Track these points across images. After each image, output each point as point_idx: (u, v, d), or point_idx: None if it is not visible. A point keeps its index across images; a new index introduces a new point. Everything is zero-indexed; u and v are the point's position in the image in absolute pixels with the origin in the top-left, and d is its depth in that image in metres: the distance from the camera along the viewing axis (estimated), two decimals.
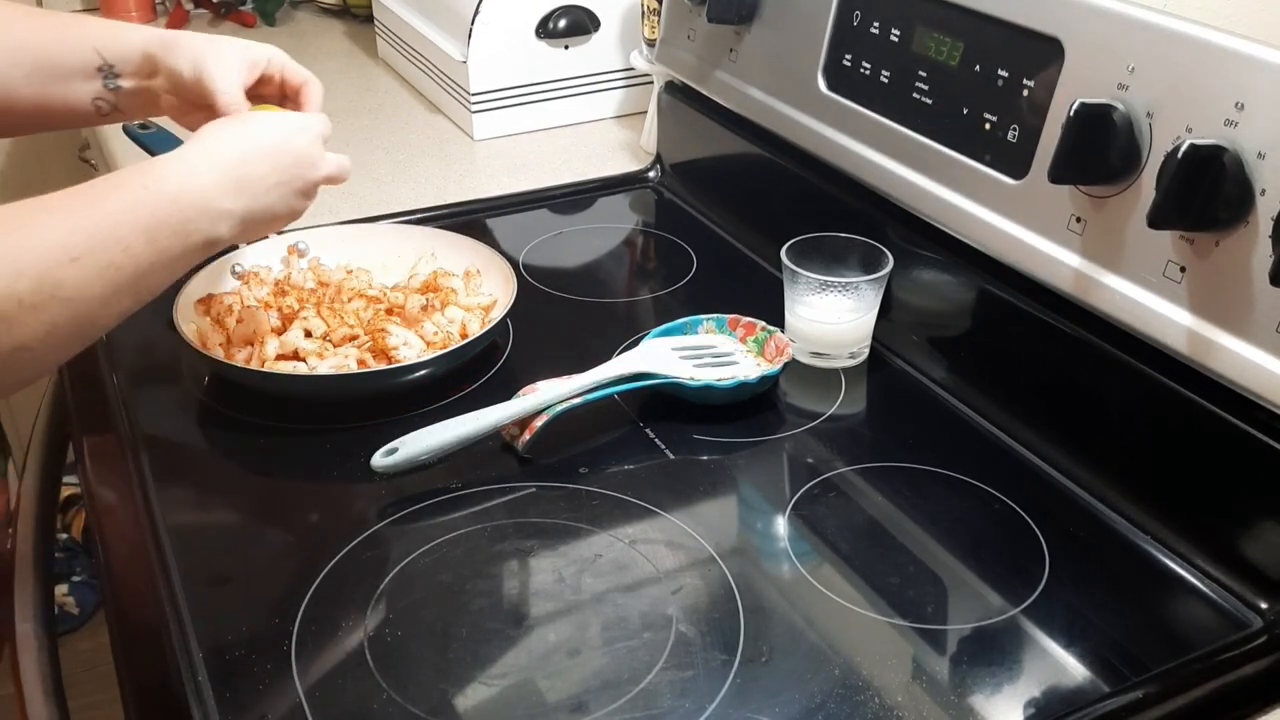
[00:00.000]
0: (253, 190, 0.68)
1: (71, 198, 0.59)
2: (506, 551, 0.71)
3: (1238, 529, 0.68)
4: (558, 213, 1.19)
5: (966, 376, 0.87)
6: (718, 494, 0.77)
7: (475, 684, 0.62)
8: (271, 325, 0.88)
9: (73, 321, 0.58)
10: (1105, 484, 0.76)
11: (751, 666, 0.63)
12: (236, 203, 0.66)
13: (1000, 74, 0.78)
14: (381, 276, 0.97)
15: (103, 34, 0.76)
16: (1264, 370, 0.63)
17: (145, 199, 0.61)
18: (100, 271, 0.58)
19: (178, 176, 0.64)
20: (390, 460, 0.76)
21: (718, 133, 1.12)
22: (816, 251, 0.90)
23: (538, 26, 1.35)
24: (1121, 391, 0.74)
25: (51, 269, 0.55)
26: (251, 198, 0.68)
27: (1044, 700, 0.61)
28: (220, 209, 0.65)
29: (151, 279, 0.62)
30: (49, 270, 0.55)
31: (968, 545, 0.72)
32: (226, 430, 0.84)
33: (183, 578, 0.69)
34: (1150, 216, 0.64)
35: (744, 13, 1.03)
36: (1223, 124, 0.63)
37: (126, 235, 0.59)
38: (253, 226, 0.70)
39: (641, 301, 1.03)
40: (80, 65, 0.76)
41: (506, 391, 0.82)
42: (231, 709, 0.60)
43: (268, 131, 0.71)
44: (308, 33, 1.80)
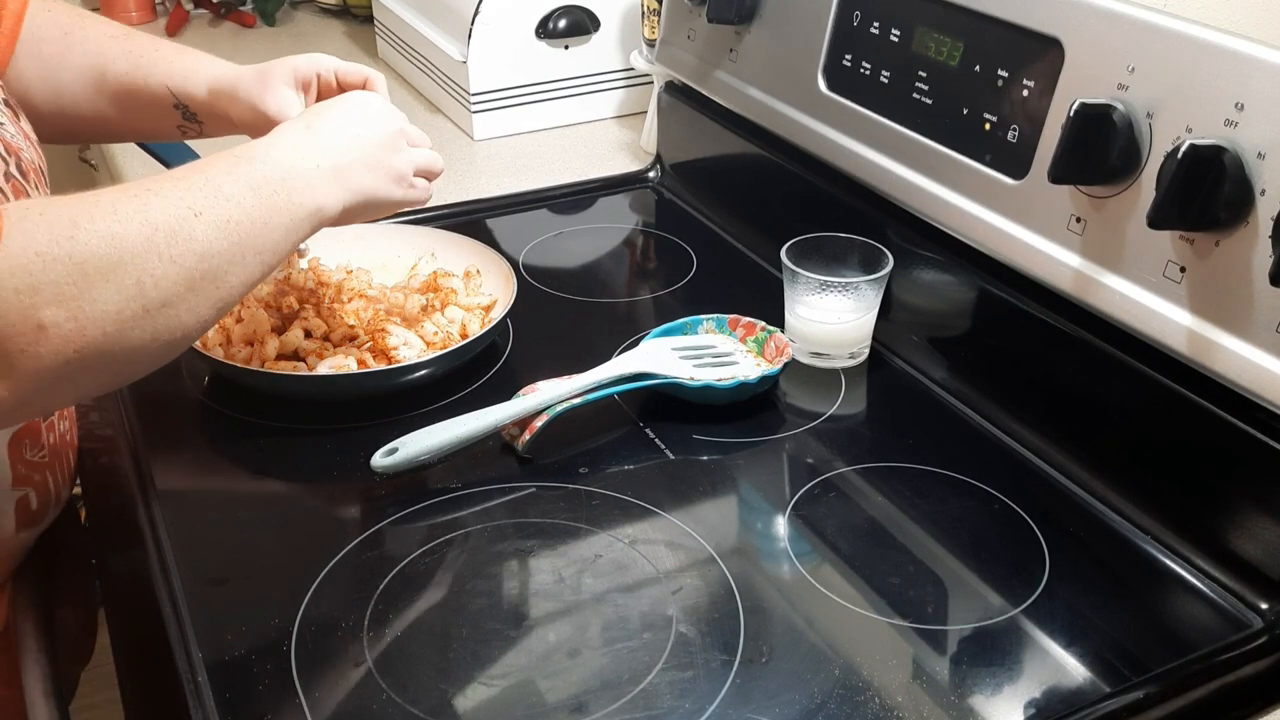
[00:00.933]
0: (342, 155, 0.71)
1: (174, 173, 0.63)
2: (506, 551, 0.71)
3: (1238, 529, 0.68)
4: (558, 213, 1.19)
5: (966, 376, 0.87)
6: (718, 494, 0.77)
7: (475, 684, 0.62)
8: (271, 325, 0.88)
9: (209, 278, 0.61)
10: (1105, 484, 0.76)
11: (751, 667, 0.63)
12: (325, 160, 0.70)
13: (1000, 74, 0.78)
14: (381, 276, 0.97)
15: (173, 73, 0.82)
16: (1264, 370, 0.63)
17: (241, 161, 0.66)
18: (221, 226, 0.61)
19: (267, 143, 0.69)
20: (390, 460, 0.76)
21: (718, 133, 1.12)
22: (816, 251, 0.90)
23: (538, 26, 1.35)
24: (1121, 391, 0.74)
25: (181, 222, 0.59)
26: (341, 160, 0.71)
27: (1044, 700, 0.61)
28: (311, 167, 0.69)
29: (267, 237, 0.65)
30: (179, 223, 0.59)
31: (968, 545, 0.72)
32: (226, 430, 0.84)
33: (183, 578, 0.69)
34: (1150, 216, 0.64)
35: (744, 13, 1.03)
36: (1223, 124, 0.63)
37: (236, 193, 0.63)
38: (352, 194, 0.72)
39: (641, 301, 1.03)
40: (159, 102, 0.83)
41: (506, 391, 0.82)
42: (231, 709, 0.60)
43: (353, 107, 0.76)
44: (308, 33, 1.80)
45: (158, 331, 0.59)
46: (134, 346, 0.58)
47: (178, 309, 0.60)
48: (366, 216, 0.76)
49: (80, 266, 0.55)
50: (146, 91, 0.83)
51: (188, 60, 0.83)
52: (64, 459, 0.79)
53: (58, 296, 0.54)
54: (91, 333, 0.56)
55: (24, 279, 0.53)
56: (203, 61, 0.83)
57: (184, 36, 1.78)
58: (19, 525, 0.74)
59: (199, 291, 0.61)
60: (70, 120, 0.86)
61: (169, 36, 1.76)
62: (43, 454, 0.75)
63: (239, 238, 0.63)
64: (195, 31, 1.80)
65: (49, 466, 0.76)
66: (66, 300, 0.54)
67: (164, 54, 0.83)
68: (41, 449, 0.75)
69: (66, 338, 0.55)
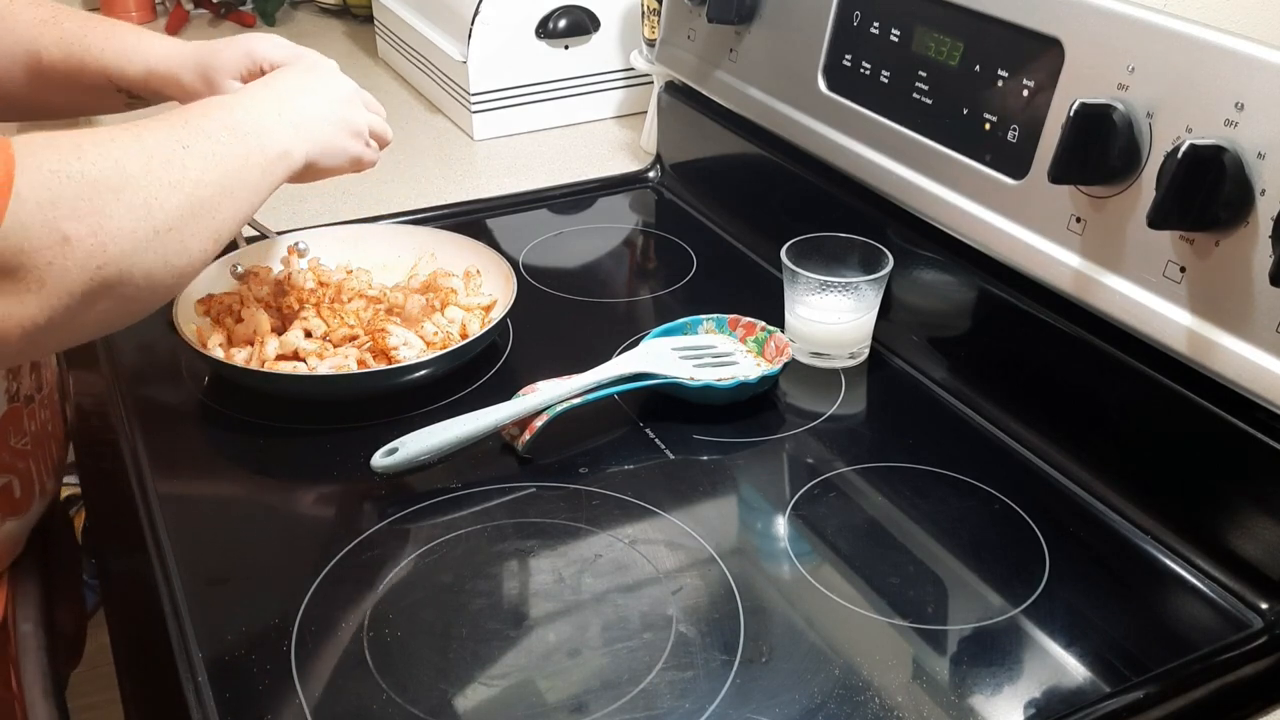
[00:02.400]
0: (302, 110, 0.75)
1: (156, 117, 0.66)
2: (506, 552, 0.71)
3: (1238, 529, 0.68)
4: (558, 213, 1.19)
5: (966, 376, 0.86)
6: (718, 494, 0.77)
7: (475, 684, 0.62)
8: (271, 325, 0.88)
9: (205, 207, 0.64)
10: (1105, 484, 0.76)
11: (751, 667, 0.63)
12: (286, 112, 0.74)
13: (1000, 74, 0.78)
14: (381, 276, 0.97)
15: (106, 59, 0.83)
16: (1264, 370, 0.63)
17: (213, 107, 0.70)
18: (209, 158, 0.65)
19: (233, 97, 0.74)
20: (390, 460, 0.76)
21: (718, 133, 1.12)
22: (816, 251, 0.90)
23: (538, 26, 1.35)
24: (1121, 391, 0.74)
25: (174, 152, 0.63)
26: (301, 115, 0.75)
27: (1044, 700, 0.61)
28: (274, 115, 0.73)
29: (248, 175, 0.69)
30: (172, 153, 0.63)
31: (968, 545, 0.72)
32: (226, 430, 0.84)
33: (183, 578, 0.69)
34: (1150, 216, 0.64)
35: (744, 13, 1.03)
36: (1223, 124, 0.63)
37: (214, 131, 0.67)
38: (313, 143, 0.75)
39: (641, 301, 1.03)
40: (99, 86, 0.84)
41: (506, 391, 0.82)
42: (231, 709, 0.60)
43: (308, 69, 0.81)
44: (308, 33, 1.80)
45: (168, 255, 0.62)
46: (149, 269, 0.61)
47: (182, 234, 0.62)
48: (327, 168, 0.78)
49: (93, 184, 0.58)
50: (84, 77, 0.83)
51: (120, 43, 0.83)
52: (48, 449, 0.79)
53: (76, 211, 0.56)
54: (111, 249, 0.58)
55: (44, 192, 0.55)
56: (135, 44, 0.83)
57: (184, 36, 1.77)
58: (2, 514, 0.75)
59: (199, 218, 0.64)
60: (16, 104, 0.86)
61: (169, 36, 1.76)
62: (25, 442, 0.76)
63: (225, 171, 0.66)
64: (195, 31, 1.80)
65: (32, 455, 0.77)
66: (84, 215, 0.57)
67: (94, 39, 0.83)
68: (24, 437, 0.76)
69: (90, 252, 0.57)
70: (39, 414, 0.78)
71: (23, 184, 0.54)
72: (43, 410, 0.79)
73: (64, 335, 0.61)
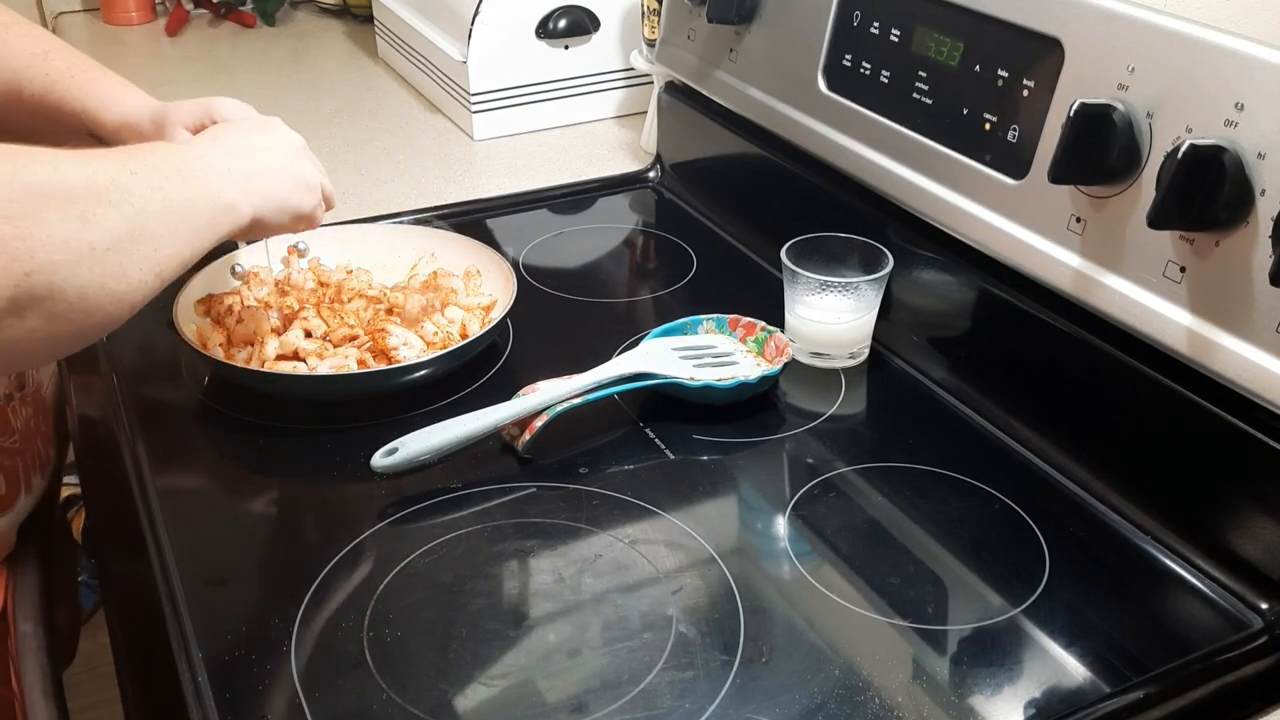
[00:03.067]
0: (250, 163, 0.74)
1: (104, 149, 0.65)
2: (506, 552, 0.71)
3: (1238, 529, 0.68)
4: (558, 213, 1.19)
5: (966, 376, 0.87)
6: (718, 494, 0.77)
7: (475, 684, 0.62)
8: (271, 325, 0.88)
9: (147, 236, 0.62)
10: (1105, 484, 0.76)
11: (751, 667, 0.63)
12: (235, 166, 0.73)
13: (1000, 74, 0.78)
14: (381, 276, 0.97)
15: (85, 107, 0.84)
16: (1264, 370, 0.63)
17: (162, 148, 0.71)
18: (155, 189, 0.64)
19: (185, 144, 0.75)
20: (390, 460, 0.76)
21: (718, 133, 1.12)
22: (816, 251, 0.90)
23: (538, 26, 1.35)
24: (1121, 391, 0.74)
25: (119, 174, 0.62)
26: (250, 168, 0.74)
27: (1044, 701, 0.61)
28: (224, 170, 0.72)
29: (194, 218, 0.67)
30: (117, 174, 0.62)
31: (968, 545, 0.72)
32: (226, 430, 0.84)
33: (183, 578, 0.69)
34: (1150, 216, 0.64)
35: (744, 13, 1.03)
36: (1223, 124, 0.63)
37: (163, 166, 0.66)
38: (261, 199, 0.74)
39: (641, 301, 1.03)
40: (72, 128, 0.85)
41: (506, 391, 0.82)
42: (231, 709, 0.60)
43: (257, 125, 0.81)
44: (308, 33, 1.80)
45: (104, 276, 0.59)
46: (83, 287, 0.58)
47: (120, 257, 0.60)
48: (279, 226, 0.78)
49: (26, 185, 0.56)
50: (60, 116, 0.84)
51: (103, 90, 0.84)
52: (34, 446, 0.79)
53: (4, 212, 0.54)
54: (40, 256, 0.55)
55: None
56: (116, 95, 0.85)
57: (184, 36, 1.78)
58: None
59: (140, 245, 0.62)
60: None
61: (169, 37, 1.76)
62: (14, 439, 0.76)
63: (170, 206, 0.64)
64: (195, 31, 1.80)
65: (19, 452, 0.77)
66: (13, 216, 0.55)
67: (80, 81, 0.84)
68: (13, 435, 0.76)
69: (15, 254, 0.54)
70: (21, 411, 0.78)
71: None
72: (25, 407, 0.79)
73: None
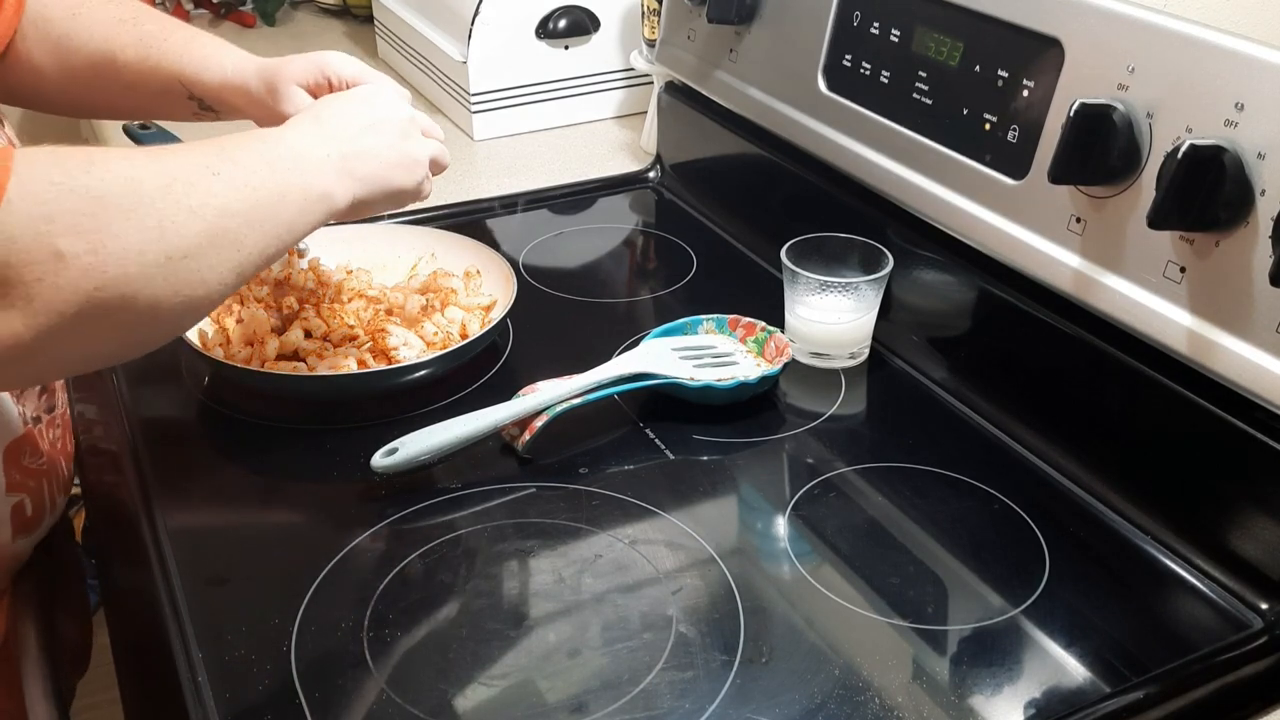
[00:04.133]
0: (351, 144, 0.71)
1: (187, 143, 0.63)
2: (506, 552, 0.71)
3: (1238, 529, 0.68)
4: (558, 213, 1.19)
5: (966, 376, 0.86)
6: (718, 494, 0.77)
7: (475, 684, 0.62)
8: (271, 325, 0.88)
9: (228, 237, 0.60)
10: (1105, 484, 0.76)
11: (751, 667, 0.63)
12: (334, 149, 0.69)
13: (1000, 74, 0.78)
14: (381, 276, 0.97)
15: (184, 67, 0.82)
16: (1264, 370, 0.63)
17: (254, 139, 0.66)
18: (239, 189, 0.61)
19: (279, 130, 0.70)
20: (390, 460, 0.76)
21: (718, 133, 1.12)
22: (816, 251, 0.90)
23: (538, 27, 1.35)
24: (1121, 391, 0.74)
25: (199, 176, 0.59)
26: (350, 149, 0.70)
27: (1044, 701, 0.61)
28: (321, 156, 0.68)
29: (282, 212, 0.64)
30: (197, 177, 0.59)
31: (968, 545, 0.72)
32: (226, 430, 0.84)
33: (183, 578, 0.69)
34: (1150, 217, 0.64)
35: (744, 13, 1.03)
36: (1223, 124, 0.63)
37: (250, 162, 0.63)
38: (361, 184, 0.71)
39: (641, 301, 1.03)
40: (172, 91, 0.82)
41: (506, 391, 0.82)
42: (231, 709, 0.60)
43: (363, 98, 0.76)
44: (308, 33, 1.80)
45: (179, 285, 0.58)
46: (155, 297, 0.57)
47: (198, 263, 0.58)
48: (382, 206, 0.75)
49: (99, 200, 0.54)
50: (157, 81, 0.82)
51: (197, 51, 0.82)
52: (59, 467, 0.79)
53: (75, 227, 0.53)
54: (112, 269, 0.54)
55: (38, 205, 0.52)
56: (214, 54, 0.82)
57: None
58: (15, 532, 0.74)
59: (219, 249, 0.60)
60: (82, 101, 0.86)
61: None
62: (41, 461, 0.75)
63: (255, 203, 0.62)
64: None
65: (45, 474, 0.76)
66: (85, 232, 0.53)
67: (173, 44, 0.82)
68: (40, 456, 0.75)
69: (85, 270, 0.53)
70: (48, 433, 0.77)
71: (16, 194, 0.51)
72: (52, 430, 0.79)
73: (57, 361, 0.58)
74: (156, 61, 0.81)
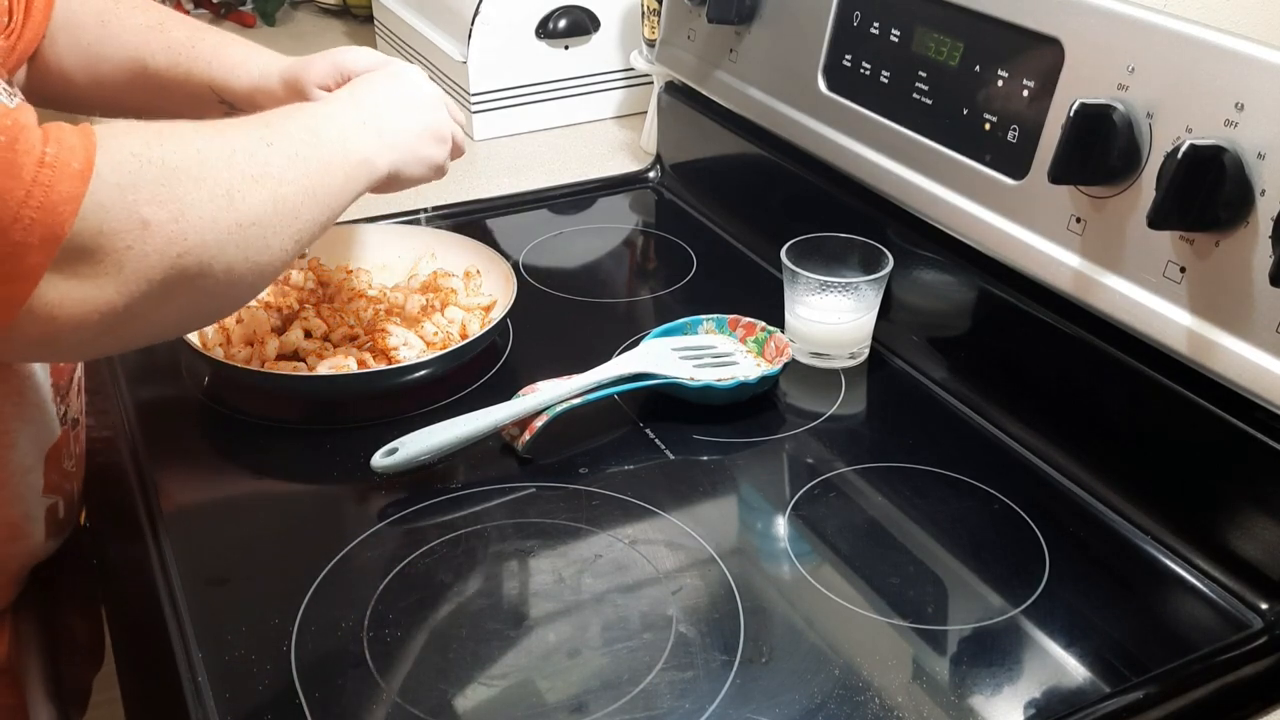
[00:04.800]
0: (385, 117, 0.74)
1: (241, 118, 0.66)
2: (506, 552, 0.71)
3: (1238, 529, 0.68)
4: (558, 213, 1.19)
5: (966, 376, 0.86)
6: (718, 494, 0.77)
7: (475, 684, 0.62)
8: (271, 325, 0.88)
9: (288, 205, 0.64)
10: (1105, 484, 0.76)
11: (751, 667, 0.63)
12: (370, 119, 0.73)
13: (1000, 74, 0.78)
14: (381, 276, 0.97)
15: (214, 73, 0.84)
16: (1264, 370, 0.63)
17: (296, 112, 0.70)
18: (292, 158, 0.65)
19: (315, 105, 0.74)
20: (390, 460, 0.76)
21: (718, 133, 1.12)
22: (816, 251, 0.90)
23: (538, 27, 1.35)
24: (1121, 391, 0.74)
25: (257, 146, 0.63)
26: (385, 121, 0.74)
27: (1044, 701, 0.61)
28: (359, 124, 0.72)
29: (330, 180, 0.68)
30: (256, 147, 0.63)
31: (968, 545, 0.72)
32: (226, 430, 0.84)
33: (183, 578, 0.69)
34: (1150, 217, 0.64)
35: (744, 13, 1.03)
36: (1223, 124, 0.63)
37: (298, 133, 0.67)
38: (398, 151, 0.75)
39: (641, 301, 1.03)
40: (201, 96, 0.85)
41: (506, 391, 0.82)
42: (231, 709, 0.60)
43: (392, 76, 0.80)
44: (308, 33, 1.80)
45: (249, 250, 0.61)
46: (230, 262, 0.60)
47: (264, 230, 0.62)
48: (414, 177, 0.78)
49: (174, 170, 0.57)
50: (188, 87, 0.84)
51: (227, 57, 0.84)
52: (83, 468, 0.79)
53: (156, 196, 0.56)
54: (192, 237, 0.57)
55: (124, 175, 0.55)
56: (242, 59, 0.84)
57: None
58: (48, 534, 0.74)
59: (281, 216, 0.63)
60: (113, 104, 0.86)
61: None
62: (72, 464, 0.76)
63: (307, 171, 0.65)
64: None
65: (74, 476, 0.77)
66: (165, 201, 0.56)
67: (203, 50, 0.84)
68: (71, 459, 0.76)
69: (170, 238, 0.56)
70: (82, 436, 0.78)
71: (103, 165, 0.54)
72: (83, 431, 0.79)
73: (143, 327, 0.60)
74: (187, 69, 0.84)
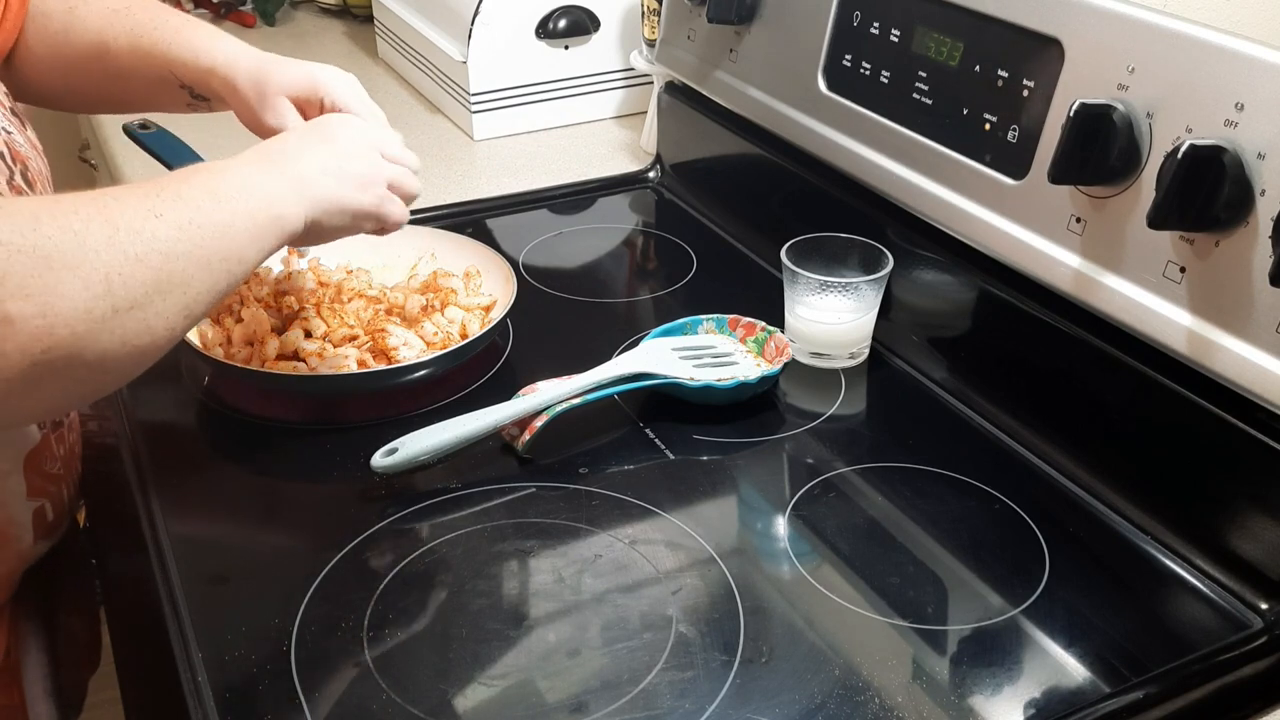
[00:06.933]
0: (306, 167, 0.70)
1: (134, 183, 0.62)
2: (506, 552, 0.71)
3: (1238, 529, 0.68)
4: (558, 213, 1.19)
5: (966, 376, 0.87)
6: (718, 494, 0.77)
7: (475, 684, 0.62)
8: (271, 325, 0.88)
9: (175, 281, 0.59)
10: (1105, 484, 0.76)
11: (751, 667, 0.63)
12: (288, 170, 0.69)
13: (1000, 74, 0.78)
14: (381, 276, 0.97)
15: (172, 56, 0.81)
16: (1264, 370, 0.63)
17: (202, 172, 0.65)
18: (183, 228, 0.60)
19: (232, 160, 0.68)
20: (390, 460, 0.76)
21: (718, 133, 1.12)
22: (816, 251, 0.90)
23: (538, 27, 1.35)
24: (1121, 391, 0.74)
25: (144, 222, 0.58)
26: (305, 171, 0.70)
27: (1044, 701, 0.61)
28: (274, 179, 0.68)
29: (230, 243, 0.63)
30: (141, 223, 0.58)
31: (968, 545, 0.72)
32: (226, 430, 0.85)
33: (183, 578, 0.69)
34: (1150, 217, 0.64)
35: (744, 13, 1.03)
36: (1223, 124, 0.63)
37: (195, 198, 0.62)
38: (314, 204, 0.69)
39: (641, 301, 1.03)
40: (164, 81, 0.82)
41: (506, 391, 0.82)
42: (231, 709, 0.60)
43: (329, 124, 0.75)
44: (308, 33, 1.80)
45: (127, 335, 0.57)
46: (103, 351, 0.56)
47: (146, 312, 0.58)
48: (343, 228, 0.73)
49: (46, 259, 0.53)
50: (149, 72, 0.82)
51: (189, 38, 0.81)
52: (73, 470, 0.79)
53: (23, 289, 0.52)
54: (60, 331, 0.53)
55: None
56: (205, 41, 0.81)
57: None
58: (37, 536, 0.74)
59: (167, 294, 0.59)
60: (82, 95, 0.86)
61: None
62: (58, 466, 0.75)
63: (201, 240, 0.61)
64: None
65: (63, 479, 0.76)
66: (33, 294, 0.52)
67: (164, 31, 0.81)
68: (56, 462, 0.75)
69: (34, 334, 0.52)
70: (67, 437, 0.78)
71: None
72: (70, 434, 0.79)
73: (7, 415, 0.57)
74: (148, 49, 0.81)
